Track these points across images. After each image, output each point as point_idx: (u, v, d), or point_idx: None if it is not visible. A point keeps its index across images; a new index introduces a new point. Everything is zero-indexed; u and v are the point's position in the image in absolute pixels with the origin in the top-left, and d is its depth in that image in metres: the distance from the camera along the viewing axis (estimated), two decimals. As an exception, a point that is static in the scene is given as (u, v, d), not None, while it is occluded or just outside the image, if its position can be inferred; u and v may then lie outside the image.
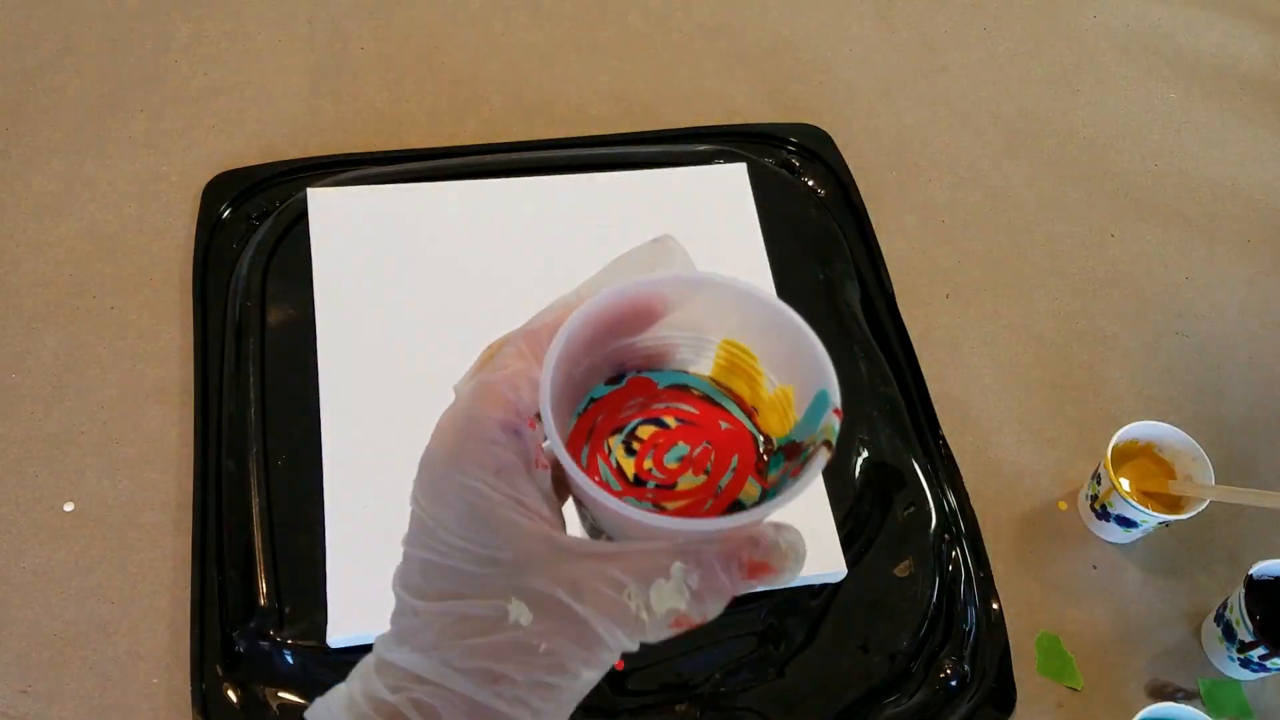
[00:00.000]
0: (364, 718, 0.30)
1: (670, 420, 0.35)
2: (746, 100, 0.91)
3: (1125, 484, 0.70)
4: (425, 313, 0.72)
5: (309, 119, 0.86)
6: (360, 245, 0.74)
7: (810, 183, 0.85)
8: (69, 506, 0.68)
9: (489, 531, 0.30)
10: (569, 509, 0.34)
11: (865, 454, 0.72)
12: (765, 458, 0.34)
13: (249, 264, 0.75)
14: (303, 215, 0.76)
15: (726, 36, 0.95)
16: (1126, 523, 0.70)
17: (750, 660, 0.65)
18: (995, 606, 0.68)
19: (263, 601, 0.63)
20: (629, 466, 0.33)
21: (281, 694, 0.61)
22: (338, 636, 0.61)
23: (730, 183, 0.81)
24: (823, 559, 0.66)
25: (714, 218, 0.79)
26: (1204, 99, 0.96)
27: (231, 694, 0.61)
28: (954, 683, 0.66)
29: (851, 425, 0.73)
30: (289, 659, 0.61)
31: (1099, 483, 0.70)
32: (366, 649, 0.32)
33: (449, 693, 0.29)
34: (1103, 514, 0.71)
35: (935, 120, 0.92)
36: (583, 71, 0.91)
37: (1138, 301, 0.83)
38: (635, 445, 0.34)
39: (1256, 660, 0.65)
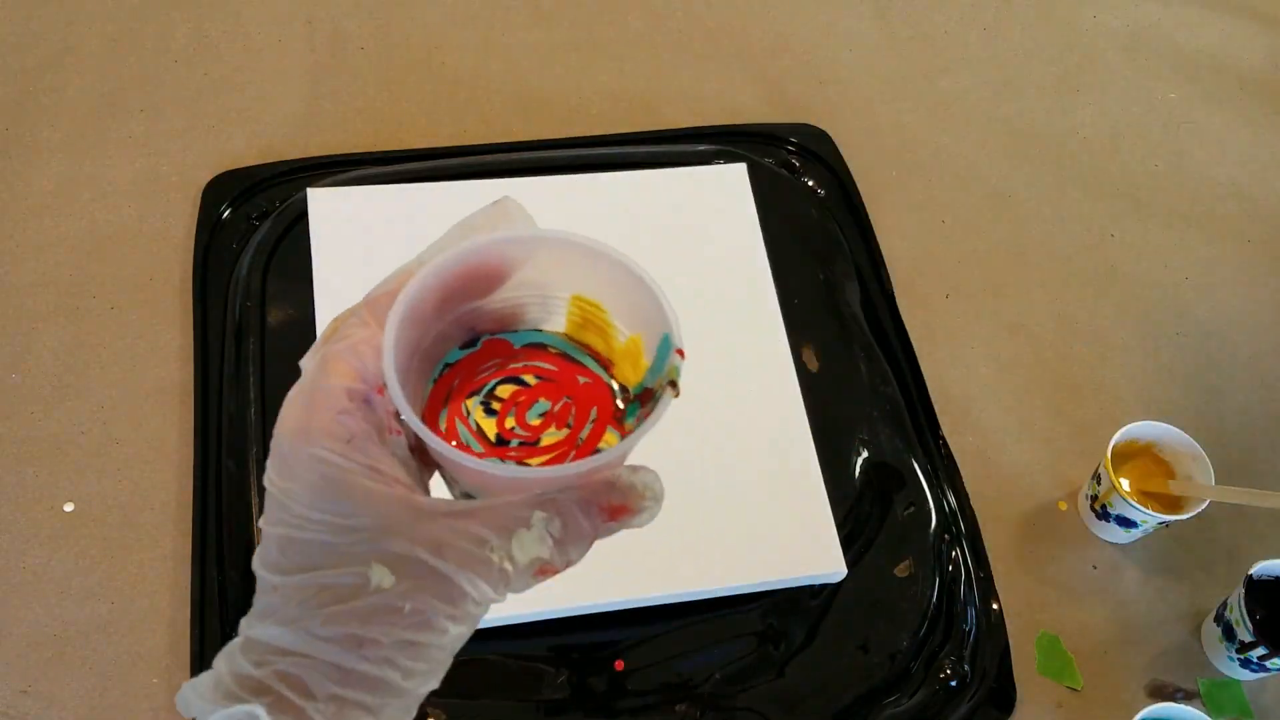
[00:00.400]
0: (231, 695, 0.29)
1: (529, 378, 0.35)
2: (746, 100, 0.91)
3: (1125, 484, 0.70)
4: (425, 313, 0.72)
5: (309, 119, 0.86)
6: (360, 245, 0.74)
7: (810, 183, 0.85)
8: (69, 506, 0.68)
9: (344, 500, 0.30)
10: (438, 482, 0.34)
11: (865, 454, 0.72)
12: (623, 407, 0.35)
13: (249, 264, 0.75)
14: (303, 215, 0.76)
15: (726, 36, 0.95)
16: (1126, 523, 0.70)
17: (750, 660, 0.65)
18: (995, 606, 0.68)
19: (263, 601, 0.63)
20: (490, 427, 0.34)
21: (281, 694, 0.61)
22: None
23: (730, 183, 0.81)
24: (823, 559, 0.66)
25: (714, 218, 0.79)
26: (1204, 99, 0.96)
27: (231, 694, 0.61)
28: (954, 683, 0.66)
29: (852, 425, 0.73)
30: (289, 659, 0.61)
31: (1099, 483, 0.70)
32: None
33: (314, 661, 0.29)
34: (1103, 514, 0.71)
35: (935, 120, 0.92)
36: (583, 71, 0.91)
37: (1138, 301, 0.83)
38: (495, 405, 0.34)
39: (1256, 660, 0.65)
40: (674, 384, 0.32)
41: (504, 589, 0.30)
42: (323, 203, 0.76)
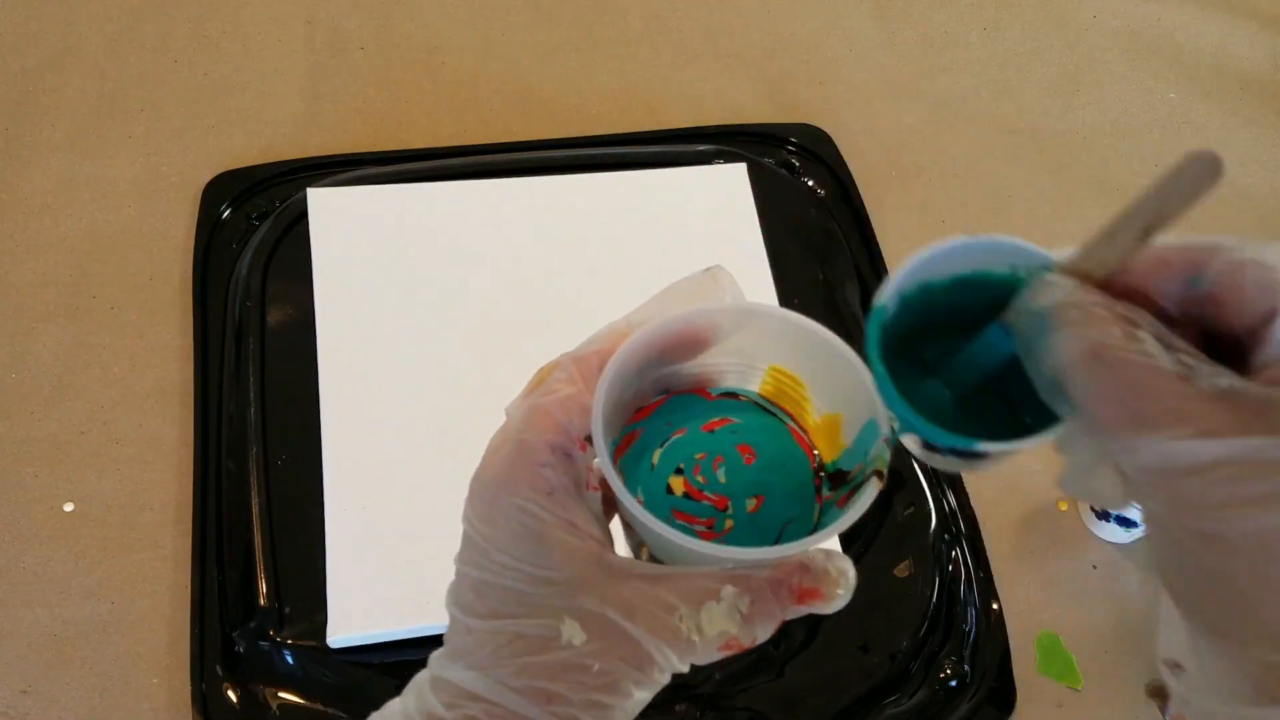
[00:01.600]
0: None
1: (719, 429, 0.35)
2: (746, 100, 0.91)
3: None
4: (425, 312, 0.72)
5: (309, 119, 0.86)
6: (360, 245, 0.74)
7: (810, 183, 0.85)
8: (69, 506, 0.68)
9: (541, 552, 0.30)
10: (615, 527, 0.34)
11: (865, 454, 0.72)
12: (820, 475, 0.35)
13: (249, 264, 0.75)
14: (303, 215, 0.76)
15: (726, 36, 0.95)
16: (1127, 523, 0.70)
17: (750, 660, 0.65)
18: (995, 606, 0.68)
19: (263, 601, 0.63)
20: (678, 485, 0.34)
21: (281, 694, 0.61)
22: (338, 636, 0.61)
23: (730, 183, 0.81)
24: (823, 559, 0.66)
25: (714, 218, 0.79)
26: (1204, 99, 0.96)
27: (231, 694, 0.61)
28: (954, 683, 0.66)
29: (851, 425, 0.73)
30: (289, 659, 0.61)
31: None
32: (365, 649, 0.32)
33: (504, 710, 0.30)
34: (1103, 514, 0.71)
35: (935, 120, 0.92)
36: (583, 71, 0.91)
37: (1138, 301, 0.83)
38: (681, 465, 0.34)
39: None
40: (880, 474, 0.32)
41: (689, 659, 0.31)
42: (323, 203, 0.76)
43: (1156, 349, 0.26)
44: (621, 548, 0.33)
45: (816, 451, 0.35)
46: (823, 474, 0.35)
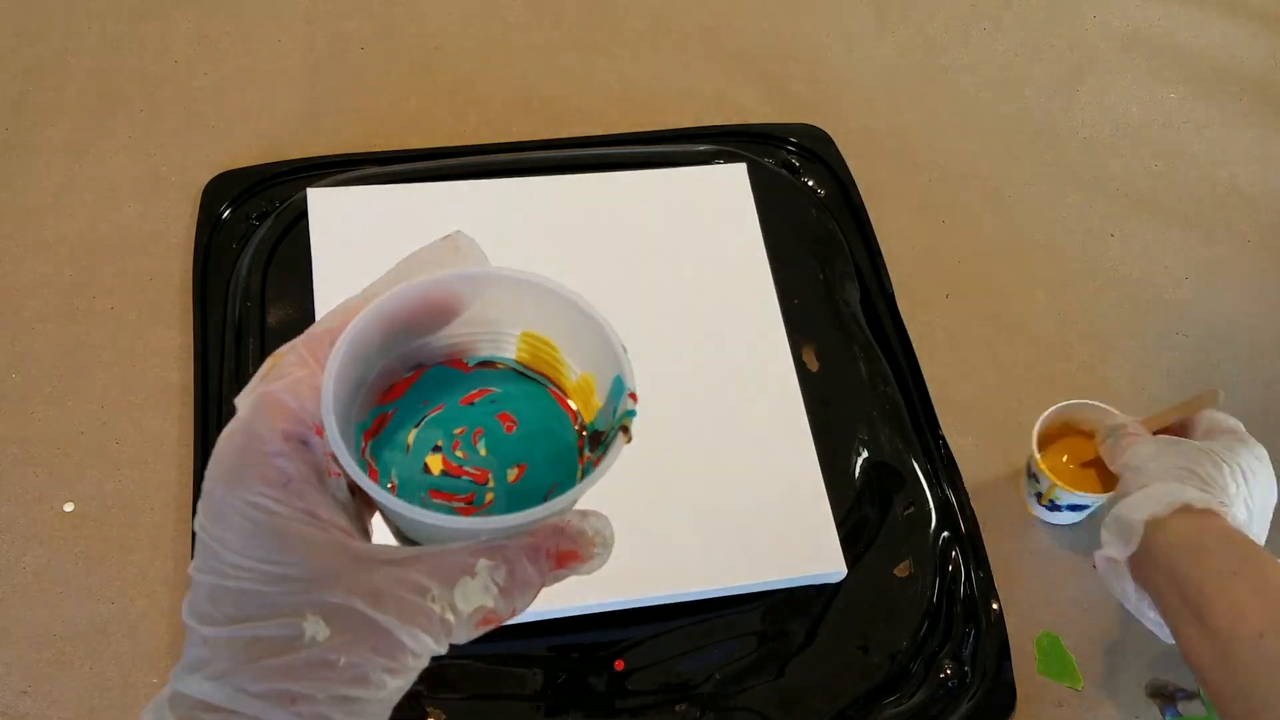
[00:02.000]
0: None
1: (477, 401, 0.34)
2: (746, 100, 0.91)
3: (1061, 463, 0.71)
4: (425, 313, 0.72)
5: (309, 119, 0.86)
6: (360, 245, 0.74)
7: (810, 183, 0.85)
8: (69, 506, 0.68)
9: (278, 548, 0.28)
10: (377, 519, 0.33)
11: (865, 454, 0.72)
12: (583, 436, 0.34)
13: (249, 264, 0.75)
14: (303, 215, 0.76)
15: (726, 36, 0.95)
16: (1078, 508, 0.70)
17: (750, 660, 0.65)
18: (995, 606, 0.68)
19: (263, 601, 0.63)
20: (435, 463, 0.33)
21: (281, 694, 0.61)
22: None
23: (730, 183, 0.81)
24: (823, 559, 0.66)
25: (714, 218, 0.79)
26: (1204, 99, 0.96)
27: (231, 694, 0.61)
28: (954, 683, 0.66)
29: (852, 425, 0.73)
30: (289, 659, 0.61)
31: (1038, 481, 0.70)
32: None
33: (244, 718, 0.28)
34: (1053, 507, 0.71)
35: (935, 120, 0.92)
36: (583, 71, 0.91)
37: (1138, 301, 0.83)
38: (439, 441, 0.33)
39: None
40: (626, 429, 0.31)
41: (445, 640, 0.29)
42: (323, 203, 0.76)
43: None
44: (385, 537, 0.32)
45: (578, 412, 0.34)
46: (585, 434, 0.34)
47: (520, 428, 0.34)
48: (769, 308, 0.75)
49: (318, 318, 0.71)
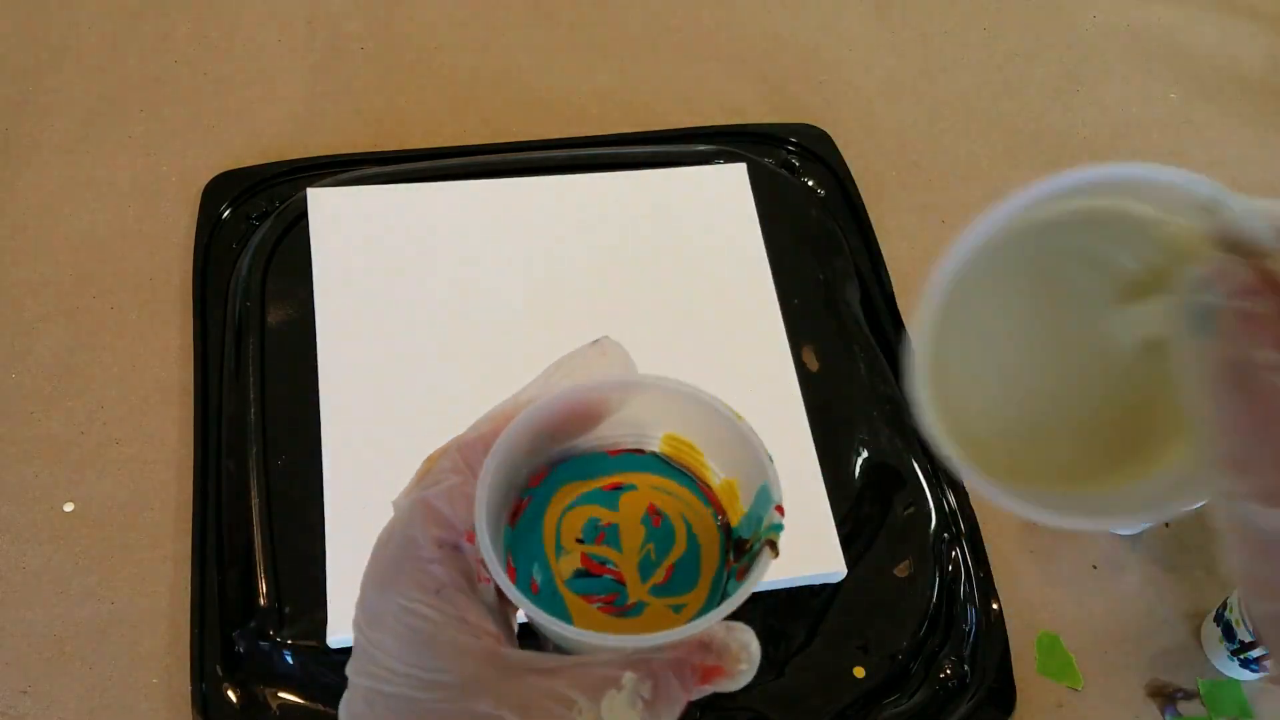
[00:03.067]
0: None
1: (618, 491, 0.34)
2: (746, 100, 0.91)
3: None
4: (425, 313, 0.72)
5: (309, 119, 0.86)
6: (360, 245, 0.74)
7: (810, 183, 0.85)
8: (69, 506, 0.68)
9: (431, 654, 0.29)
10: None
11: (865, 454, 0.72)
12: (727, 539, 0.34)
13: (249, 264, 0.75)
14: (303, 215, 0.76)
15: (726, 36, 0.95)
16: None
17: (750, 660, 0.65)
18: (995, 606, 0.68)
19: (263, 601, 0.63)
20: (575, 559, 0.33)
21: (281, 694, 0.61)
22: (338, 636, 0.61)
23: (730, 183, 0.81)
24: (823, 559, 0.66)
25: (714, 218, 0.79)
26: (1204, 99, 0.96)
27: (231, 694, 0.61)
28: (954, 683, 0.66)
29: (851, 425, 0.73)
30: (289, 659, 0.61)
31: None
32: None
33: None
34: None
35: (935, 120, 0.92)
36: (583, 71, 0.91)
37: (1138, 301, 0.83)
38: (579, 539, 0.33)
39: (1255, 660, 0.65)
40: (773, 545, 0.31)
41: None
42: (323, 203, 0.76)
43: None
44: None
45: (725, 510, 0.34)
46: (730, 538, 0.34)
47: (665, 521, 0.34)
48: (769, 307, 0.75)
49: (318, 317, 0.71)
